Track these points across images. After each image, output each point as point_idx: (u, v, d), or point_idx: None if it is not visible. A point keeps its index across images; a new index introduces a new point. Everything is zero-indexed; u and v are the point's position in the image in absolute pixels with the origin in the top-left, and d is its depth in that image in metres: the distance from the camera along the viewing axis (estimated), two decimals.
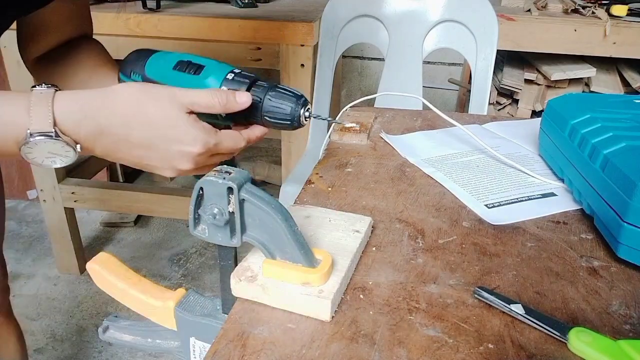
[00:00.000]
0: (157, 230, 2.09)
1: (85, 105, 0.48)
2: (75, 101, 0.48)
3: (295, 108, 0.57)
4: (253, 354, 0.39)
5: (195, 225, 0.46)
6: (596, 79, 1.57)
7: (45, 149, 0.47)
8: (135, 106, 0.49)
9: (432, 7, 1.34)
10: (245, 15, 1.41)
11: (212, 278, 1.81)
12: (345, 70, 2.46)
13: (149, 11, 1.42)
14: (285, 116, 0.57)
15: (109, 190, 1.71)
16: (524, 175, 0.69)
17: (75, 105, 0.48)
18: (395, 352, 0.40)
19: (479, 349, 0.40)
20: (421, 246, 0.53)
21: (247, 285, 0.44)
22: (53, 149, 0.47)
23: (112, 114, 0.49)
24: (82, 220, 2.05)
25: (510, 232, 0.56)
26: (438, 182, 0.67)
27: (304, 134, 1.44)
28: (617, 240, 0.51)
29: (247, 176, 0.44)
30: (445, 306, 0.45)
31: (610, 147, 0.55)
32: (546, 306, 0.45)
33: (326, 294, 0.43)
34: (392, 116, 0.90)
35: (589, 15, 1.50)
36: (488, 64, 1.30)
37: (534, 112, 1.57)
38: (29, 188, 2.21)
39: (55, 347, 1.55)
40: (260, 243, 0.45)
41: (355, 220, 0.54)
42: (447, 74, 2.32)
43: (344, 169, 0.70)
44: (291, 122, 0.57)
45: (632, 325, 0.43)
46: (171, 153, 0.52)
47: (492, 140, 0.79)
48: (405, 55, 1.37)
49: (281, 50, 1.38)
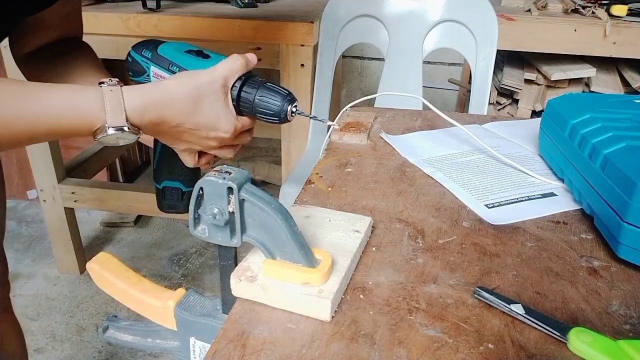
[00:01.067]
0: (157, 230, 2.09)
1: (147, 100, 0.56)
2: (139, 95, 0.56)
3: (284, 104, 0.61)
4: (253, 354, 0.39)
5: (195, 225, 0.46)
6: (596, 79, 1.57)
7: (115, 136, 0.54)
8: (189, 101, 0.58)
9: (432, 7, 1.34)
10: (245, 15, 1.41)
11: (212, 278, 1.81)
12: (345, 70, 2.46)
13: (149, 11, 1.42)
14: (275, 111, 0.61)
15: (109, 190, 1.71)
16: (524, 175, 0.69)
17: (140, 100, 0.55)
18: (395, 352, 0.40)
19: (479, 349, 0.40)
20: (421, 246, 0.53)
21: (247, 285, 0.44)
22: (122, 136, 0.54)
23: (171, 108, 0.57)
24: (82, 220, 2.05)
25: (510, 232, 0.56)
26: (438, 182, 0.67)
27: (304, 134, 1.44)
28: (617, 240, 0.51)
29: (247, 176, 0.44)
30: (445, 306, 0.45)
31: (611, 147, 0.55)
32: (546, 306, 0.45)
33: (326, 293, 0.43)
34: (392, 116, 0.90)
35: (589, 15, 1.50)
36: (488, 64, 1.30)
37: (534, 112, 1.57)
38: (29, 188, 2.21)
39: (55, 347, 1.55)
40: (260, 243, 0.45)
41: (355, 220, 0.54)
42: (447, 74, 2.32)
43: (344, 169, 0.70)
44: (279, 117, 0.62)
45: (632, 325, 0.43)
46: (210, 136, 0.62)
47: (492, 140, 0.79)
48: (405, 55, 1.37)
49: (281, 50, 1.38)
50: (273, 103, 0.61)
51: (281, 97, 0.61)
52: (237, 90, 0.62)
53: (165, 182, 0.77)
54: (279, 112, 0.61)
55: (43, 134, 0.53)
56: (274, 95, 0.62)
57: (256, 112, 0.63)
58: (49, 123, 0.52)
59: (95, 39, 1.40)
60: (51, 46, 0.74)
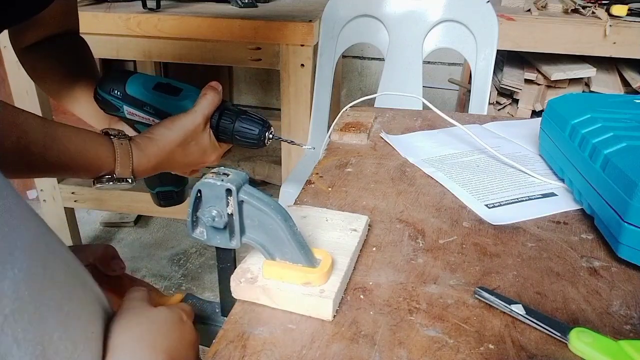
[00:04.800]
0: (157, 230, 2.09)
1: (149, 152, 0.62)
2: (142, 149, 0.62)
3: (262, 132, 0.68)
4: (253, 354, 0.39)
5: (193, 227, 0.45)
6: (596, 79, 1.57)
7: (113, 186, 0.60)
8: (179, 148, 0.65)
9: (432, 7, 1.34)
10: (245, 15, 1.41)
11: (212, 278, 1.81)
12: (345, 70, 2.46)
13: (149, 11, 1.42)
14: (254, 138, 0.68)
15: (108, 190, 1.71)
16: (524, 175, 0.69)
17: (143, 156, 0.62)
18: (395, 353, 0.40)
19: (479, 350, 0.40)
20: (421, 246, 0.53)
21: (247, 287, 0.44)
22: (120, 185, 0.60)
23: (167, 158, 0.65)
24: (82, 220, 2.05)
25: (511, 232, 0.56)
26: (438, 182, 0.67)
27: (304, 134, 1.44)
28: (618, 241, 0.51)
29: (245, 177, 0.43)
30: (445, 306, 0.45)
31: (611, 147, 0.55)
32: (547, 306, 0.45)
33: (327, 293, 0.43)
34: (392, 116, 0.90)
35: (589, 15, 1.50)
36: (488, 64, 1.30)
37: (534, 112, 1.57)
38: (29, 188, 2.21)
39: None
40: (259, 244, 0.45)
41: (353, 219, 0.54)
42: (447, 74, 2.32)
43: (344, 169, 0.70)
44: (257, 143, 0.68)
45: (633, 326, 0.43)
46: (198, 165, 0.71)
47: (493, 140, 0.79)
48: (405, 55, 1.37)
49: (281, 50, 1.38)
50: (251, 132, 0.68)
51: (259, 126, 0.68)
52: (216, 120, 0.68)
53: (157, 188, 0.82)
54: (257, 139, 0.68)
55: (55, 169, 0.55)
56: (252, 124, 0.68)
57: (235, 139, 0.69)
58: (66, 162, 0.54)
59: (95, 39, 1.40)
60: (48, 40, 0.75)
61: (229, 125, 0.68)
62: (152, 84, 0.70)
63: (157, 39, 1.41)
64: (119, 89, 0.69)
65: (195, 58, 1.45)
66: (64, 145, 0.53)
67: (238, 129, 0.68)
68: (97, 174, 0.59)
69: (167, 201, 0.83)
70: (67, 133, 0.54)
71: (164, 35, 1.40)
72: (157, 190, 0.81)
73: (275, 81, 2.46)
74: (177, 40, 1.41)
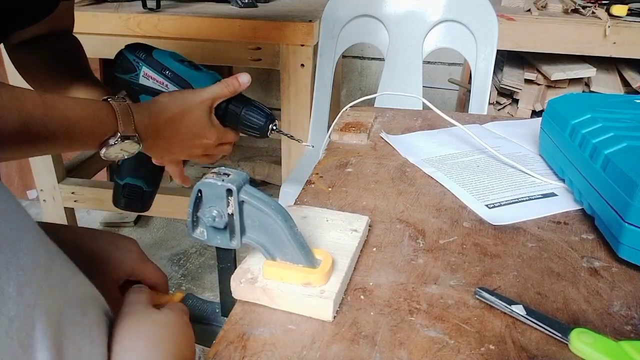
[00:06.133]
0: (157, 230, 2.09)
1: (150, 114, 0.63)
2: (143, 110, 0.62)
3: (267, 122, 0.70)
4: (253, 355, 0.39)
5: (193, 228, 0.45)
6: (596, 79, 1.57)
7: (120, 147, 0.59)
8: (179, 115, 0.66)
9: (432, 7, 1.34)
10: (245, 15, 1.41)
11: (212, 278, 1.81)
12: (345, 70, 2.46)
13: (149, 11, 1.42)
14: (259, 127, 0.70)
15: (109, 190, 1.70)
16: (524, 175, 0.69)
17: (144, 114, 0.62)
18: (396, 354, 0.40)
19: (480, 350, 0.40)
20: (422, 247, 0.53)
21: (248, 288, 0.44)
22: (126, 147, 0.60)
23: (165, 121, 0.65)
24: (82, 220, 2.05)
25: (511, 232, 0.56)
26: (438, 182, 0.67)
27: (304, 134, 1.44)
28: (618, 241, 0.51)
29: (246, 178, 0.43)
30: (446, 307, 0.45)
31: (611, 147, 0.55)
32: (547, 307, 0.45)
33: (328, 293, 0.43)
34: (392, 116, 0.90)
35: (589, 15, 1.50)
36: (488, 64, 1.30)
37: (534, 112, 1.57)
38: (29, 188, 2.21)
39: None
40: (260, 244, 0.45)
41: (353, 219, 0.54)
42: (447, 74, 2.32)
43: (344, 169, 0.70)
44: (261, 132, 0.70)
45: (634, 326, 0.43)
46: (195, 144, 0.70)
47: (493, 140, 0.79)
48: (405, 55, 1.37)
49: (281, 50, 1.38)
50: (258, 119, 0.70)
51: (265, 115, 0.70)
52: (225, 104, 0.70)
53: (127, 179, 0.80)
54: (261, 128, 0.70)
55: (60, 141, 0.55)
56: (259, 113, 0.70)
57: (240, 125, 0.70)
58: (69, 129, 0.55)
59: (95, 39, 1.41)
60: (41, 39, 0.75)
61: (236, 110, 0.70)
62: (178, 57, 0.73)
63: (157, 39, 1.40)
64: (146, 52, 0.72)
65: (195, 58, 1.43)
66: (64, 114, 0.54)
67: (245, 116, 0.70)
68: (102, 138, 0.59)
69: (130, 199, 0.81)
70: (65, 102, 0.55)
71: (164, 35, 1.40)
72: (126, 181, 0.79)
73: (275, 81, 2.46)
74: (177, 40, 1.41)
